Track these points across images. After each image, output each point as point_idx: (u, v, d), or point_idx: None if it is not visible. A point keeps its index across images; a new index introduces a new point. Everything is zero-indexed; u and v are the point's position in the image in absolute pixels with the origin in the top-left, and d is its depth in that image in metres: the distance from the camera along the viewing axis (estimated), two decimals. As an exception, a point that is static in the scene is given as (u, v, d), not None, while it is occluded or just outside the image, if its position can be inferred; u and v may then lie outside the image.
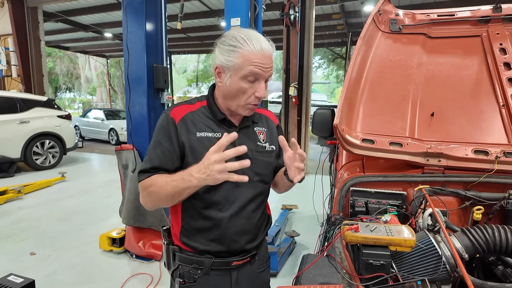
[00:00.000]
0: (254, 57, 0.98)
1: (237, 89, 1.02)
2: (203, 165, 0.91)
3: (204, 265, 1.11)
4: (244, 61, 0.98)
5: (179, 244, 1.15)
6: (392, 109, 1.68)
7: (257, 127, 1.19)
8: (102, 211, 4.59)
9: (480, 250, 1.02)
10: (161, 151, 1.06)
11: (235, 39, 1.00)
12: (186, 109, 1.10)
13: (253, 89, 1.02)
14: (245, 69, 0.98)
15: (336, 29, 11.46)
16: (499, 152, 1.38)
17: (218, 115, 1.10)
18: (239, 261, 1.15)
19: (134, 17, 3.02)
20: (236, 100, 1.05)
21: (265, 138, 1.19)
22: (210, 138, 1.07)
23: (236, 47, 0.99)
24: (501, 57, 1.71)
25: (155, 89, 3.17)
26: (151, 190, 1.02)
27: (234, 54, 0.99)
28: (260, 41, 0.99)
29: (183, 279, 1.13)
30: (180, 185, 0.96)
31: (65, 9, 10.13)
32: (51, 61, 23.99)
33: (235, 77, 1.01)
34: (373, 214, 1.32)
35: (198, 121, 1.09)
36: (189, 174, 0.93)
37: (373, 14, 1.95)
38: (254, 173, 1.12)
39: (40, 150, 7.10)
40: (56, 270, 2.99)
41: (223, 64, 1.02)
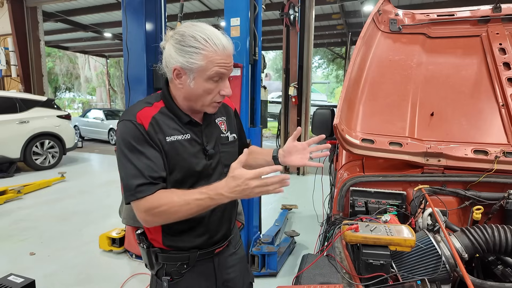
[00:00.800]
0: (218, 58, 0.96)
1: (203, 90, 1.00)
2: (241, 188, 0.89)
3: (190, 259, 1.14)
4: (208, 63, 0.95)
5: (160, 247, 1.15)
6: (391, 109, 1.68)
7: (218, 118, 1.19)
8: (101, 211, 4.58)
9: (480, 249, 1.02)
10: (148, 160, 0.98)
11: (195, 39, 0.95)
12: (148, 113, 1.03)
13: (218, 88, 1.01)
14: (210, 70, 0.96)
15: (335, 29, 11.47)
16: (498, 152, 1.39)
17: (183, 118, 1.06)
18: (220, 248, 1.21)
19: (134, 17, 3.01)
20: (201, 101, 1.03)
21: (226, 128, 1.20)
22: (180, 140, 1.04)
23: (198, 48, 0.95)
24: (501, 57, 1.71)
25: (155, 89, 3.16)
26: (164, 210, 0.95)
27: (197, 56, 0.95)
28: (220, 39, 0.97)
29: (171, 276, 1.14)
30: (207, 204, 0.94)
31: (65, 9, 10.13)
32: (51, 61, 23.98)
33: (199, 79, 0.98)
34: (373, 214, 1.32)
35: (164, 125, 1.03)
36: (219, 194, 0.92)
37: (372, 14, 1.95)
38: (223, 165, 1.14)
39: (39, 150, 7.10)
40: (56, 270, 2.99)
41: (184, 66, 0.97)
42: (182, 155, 1.04)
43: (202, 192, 0.94)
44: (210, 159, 1.10)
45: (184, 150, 1.04)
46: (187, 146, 1.05)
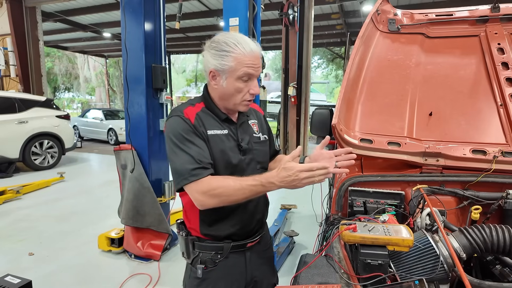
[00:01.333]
0: (246, 59, 1.09)
1: (234, 89, 1.13)
2: (291, 178, 0.98)
3: (224, 250, 1.24)
4: (237, 64, 1.09)
5: (198, 235, 1.25)
6: (390, 109, 1.68)
7: (251, 120, 1.32)
8: (100, 211, 4.58)
9: (478, 249, 1.02)
10: (197, 148, 1.12)
11: (226, 44, 1.10)
12: (192, 111, 1.18)
13: (247, 87, 1.14)
14: (240, 70, 1.10)
15: (335, 29, 11.47)
16: (497, 152, 1.39)
17: (220, 115, 1.21)
18: (252, 242, 1.30)
19: (133, 17, 3.01)
20: (233, 99, 1.16)
21: (258, 129, 1.33)
22: (218, 134, 1.18)
23: (229, 52, 1.09)
24: (499, 57, 1.71)
25: (154, 89, 3.17)
26: (220, 192, 1.06)
27: (228, 58, 1.09)
28: (248, 44, 1.11)
29: (205, 264, 1.24)
30: (259, 190, 1.05)
31: (64, 9, 10.11)
32: (50, 61, 23.96)
33: (231, 79, 1.12)
34: (371, 213, 1.32)
35: (205, 121, 1.18)
36: (270, 182, 1.02)
37: (371, 14, 1.95)
38: (256, 161, 1.27)
39: (38, 150, 7.09)
40: (54, 270, 2.99)
41: (217, 68, 1.12)
42: (220, 148, 1.17)
43: (255, 179, 1.04)
44: (245, 155, 1.23)
45: (222, 144, 1.18)
46: (224, 140, 1.19)
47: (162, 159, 3.39)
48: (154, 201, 3.12)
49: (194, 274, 1.25)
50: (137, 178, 3.08)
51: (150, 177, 3.16)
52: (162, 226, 3.18)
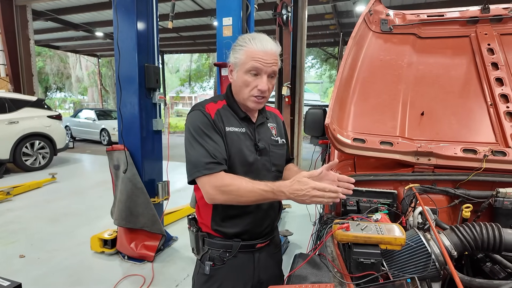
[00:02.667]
0: (255, 53, 1.12)
1: (242, 82, 1.16)
2: (301, 192, 1.01)
3: (232, 248, 1.25)
4: (247, 57, 1.13)
5: (208, 231, 1.27)
6: (382, 109, 1.69)
7: (270, 123, 1.35)
8: (93, 213, 4.53)
9: (469, 247, 1.03)
10: (214, 143, 1.13)
11: (243, 40, 1.16)
12: (214, 107, 1.21)
13: (255, 82, 1.15)
14: (248, 63, 1.13)
15: (328, 29, 11.51)
16: (487, 151, 1.41)
17: (240, 114, 1.23)
18: (262, 243, 1.31)
19: (125, 16, 2.99)
20: (241, 93, 1.18)
21: (276, 133, 1.35)
22: (236, 132, 1.21)
23: (242, 45, 1.15)
24: (489, 57, 1.73)
25: (147, 89, 3.14)
26: (232, 189, 1.08)
27: (240, 51, 1.14)
28: (262, 40, 1.14)
29: (213, 261, 1.25)
30: (268, 196, 1.06)
31: (55, 7, 9.98)
32: (41, 60, 23.63)
33: (240, 72, 1.16)
34: (364, 212, 1.33)
35: (225, 117, 1.21)
36: (281, 192, 1.04)
37: (364, 14, 1.96)
38: (271, 164, 1.29)
39: (29, 151, 6.99)
40: (46, 272, 2.95)
41: (233, 62, 1.18)
42: (237, 144, 1.19)
43: (268, 185, 1.06)
44: (261, 155, 1.24)
45: (239, 141, 1.20)
46: (242, 138, 1.21)
47: (155, 160, 3.37)
48: (147, 201, 3.10)
49: (202, 270, 1.26)
50: (130, 178, 3.05)
51: (143, 178, 3.14)
52: (155, 227, 3.16)
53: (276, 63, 1.17)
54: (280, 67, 1.22)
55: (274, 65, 1.15)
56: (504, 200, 1.29)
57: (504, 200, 1.29)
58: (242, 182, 1.08)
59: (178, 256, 3.29)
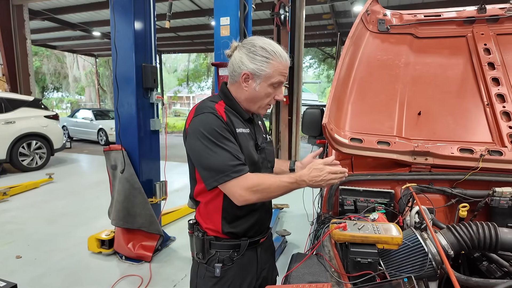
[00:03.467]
0: (281, 68, 1.17)
1: (264, 94, 1.19)
2: (317, 178, 1.10)
3: (241, 247, 1.27)
4: (274, 71, 1.15)
5: (215, 235, 1.27)
6: (380, 109, 1.70)
7: (259, 122, 1.39)
8: (90, 213, 4.52)
9: (465, 246, 1.04)
10: (234, 145, 1.16)
11: (266, 50, 1.15)
12: (221, 109, 1.21)
13: (274, 93, 1.21)
14: (275, 77, 1.16)
15: (326, 29, 11.53)
16: (483, 150, 1.41)
17: (244, 115, 1.25)
18: (263, 238, 1.36)
19: (122, 16, 2.98)
20: (259, 103, 1.22)
21: (264, 130, 1.40)
22: (244, 133, 1.23)
23: (269, 58, 1.14)
24: (486, 57, 1.74)
25: (144, 89, 3.13)
26: (261, 189, 1.11)
27: (267, 64, 1.14)
28: (283, 54, 1.18)
29: (223, 263, 1.26)
30: (293, 187, 1.13)
31: (52, 7, 9.94)
32: (38, 60, 23.51)
33: (264, 84, 1.17)
34: (362, 212, 1.33)
35: (232, 119, 1.21)
36: (303, 180, 1.11)
37: (361, 14, 1.96)
38: (267, 161, 1.34)
39: (26, 151, 6.96)
40: (43, 273, 2.93)
41: (254, 72, 1.16)
42: (245, 145, 1.21)
43: (291, 177, 1.13)
44: (260, 154, 1.29)
45: (247, 142, 1.23)
46: (248, 139, 1.24)
47: (153, 159, 3.36)
48: (145, 202, 3.09)
49: (211, 273, 1.25)
50: (128, 178, 3.05)
51: (141, 178, 3.13)
52: (153, 227, 3.15)
53: None
54: None
55: None
56: (500, 199, 1.29)
57: (500, 200, 1.29)
58: (270, 178, 1.13)
59: (176, 256, 3.28)
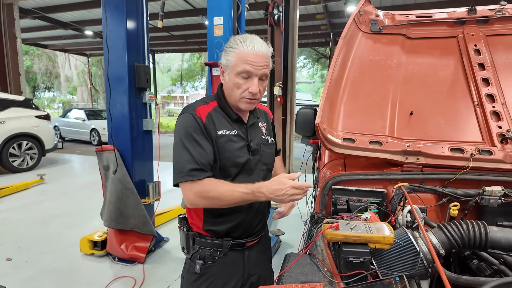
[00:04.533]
0: (247, 56, 1.11)
1: (233, 84, 1.16)
2: (281, 192, 1.06)
3: (223, 247, 1.26)
4: (238, 59, 1.13)
5: (199, 231, 1.28)
6: (372, 109, 1.71)
7: (260, 122, 1.36)
8: (83, 214, 4.47)
9: (456, 245, 1.05)
10: (201, 148, 1.14)
11: (234, 41, 1.15)
12: (206, 109, 1.20)
13: (246, 85, 1.15)
14: (239, 66, 1.12)
15: (320, 29, 11.58)
16: (474, 150, 1.43)
17: (232, 115, 1.23)
18: (252, 242, 1.33)
19: (114, 15, 2.95)
20: (233, 95, 1.18)
21: (266, 132, 1.37)
22: (228, 135, 1.21)
23: (233, 47, 1.14)
24: (476, 58, 1.76)
25: (137, 89, 3.11)
26: (213, 195, 1.11)
27: (231, 53, 1.14)
28: (254, 43, 1.13)
29: (204, 260, 1.26)
30: (248, 198, 1.10)
31: (43, 5, 9.80)
32: (29, 59, 23.17)
33: (231, 74, 1.15)
34: (354, 212, 1.34)
35: (216, 120, 1.20)
36: (261, 192, 1.08)
37: (354, 14, 1.97)
38: (263, 163, 1.30)
39: (17, 152, 6.86)
40: (34, 275, 2.89)
41: (224, 63, 1.18)
42: (228, 148, 1.19)
43: (248, 187, 1.09)
44: (253, 155, 1.26)
45: (231, 144, 1.20)
46: (233, 140, 1.21)
47: (145, 160, 3.33)
48: (137, 202, 3.06)
49: (193, 269, 1.28)
50: (120, 179, 3.02)
51: (134, 178, 3.11)
52: (146, 228, 3.13)
53: (268, 66, 1.16)
54: (272, 68, 1.23)
55: (265, 67, 1.15)
56: (490, 198, 1.31)
57: (490, 198, 1.31)
58: (223, 187, 1.11)
59: (169, 257, 3.26)
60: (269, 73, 1.19)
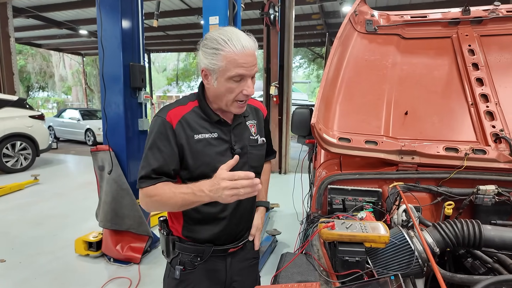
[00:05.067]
0: (237, 58, 1.00)
1: (225, 89, 1.06)
2: (215, 188, 0.93)
3: (204, 253, 1.20)
4: (228, 63, 1.01)
5: (179, 236, 1.22)
6: (367, 108, 1.71)
7: (249, 121, 1.24)
8: (78, 215, 4.44)
9: (450, 244, 1.05)
10: (161, 156, 1.08)
11: (216, 41, 1.01)
12: (180, 112, 1.11)
13: (240, 87, 1.05)
14: (231, 71, 1.01)
15: (315, 29, 11.61)
16: (468, 149, 1.44)
17: (212, 117, 1.14)
18: (234, 248, 1.27)
19: (109, 14, 2.93)
20: (225, 100, 1.09)
21: (256, 131, 1.26)
22: (207, 139, 1.12)
23: (219, 49, 1.00)
24: (470, 58, 1.77)
25: (132, 88, 3.09)
26: (156, 200, 1.06)
27: (217, 57, 1.01)
28: (240, 40, 1.01)
29: (184, 266, 1.21)
30: (190, 199, 1.00)
31: (37, 4, 9.71)
32: (22, 58, 22.95)
33: (221, 79, 1.04)
34: (350, 211, 1.34)
35: (193, 123, 1.11)
36: (201, 190, 0.96)
37: (349, 14, 1.98)
38: (249, 166, 1.20)
39: (10, 152, 6.79)
40: (28, 277, 2.86)
41: (208, 67, 1.04)
42: (207, 152, 1.11)
43: (188, 187, 1.00)
44: (241, 158, 1.10)
45: (210, 148, 1.12)
46: (213, 144, 1.12)
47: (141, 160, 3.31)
48: (133, 203, 3.05)
49: (173, 274, 1.22)
50: (115, 179, 3.00)
51: (129, 179, 3.09)
52: (142, 228, 3.11)
53: (257, 61, 1.07)
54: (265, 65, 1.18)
55: (256, 66, 1.06)
56: (484, 197, 1.32)
57: (484, 197, 1.32)
58: (165, 190, 1.05)
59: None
60: None
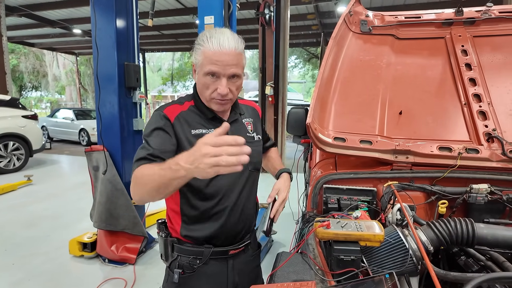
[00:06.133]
0: (212, 55, 1.02)
1: (202, 84, 1.08)
2: (193, 156, 0.76)
3: (203, 255, 1.17)
4: (204, 59, 1.04)
5: (178, 237, 1.20)
6: (362, 108, 1.72)
7: (245, 119, 1.27)
8: (72, 215, 4.40)
9: (444, 242, 1.07)
10: (161, 139, 1.05)
11: (201, 38, 1.06)
12: (177, 109, 1.13)
13: (214, 85, 1.06)
14: (205, 66, 1.04)
15: (311, 29, 11.65)
16: (461, 149, 1.46)
17: (207, 114, 1.15)
18: (235, 250, 1.23)
19: (103, 13, 2.91)
20: (203, 95, 1.11)
21: (253, 129, 1.28)
22: (203, 134, 1.10)
23: (200, 45, 1.05)
24: (463, 58, 1.79)
25: (127, 88, 3.08)
26: (138, 181, 0.94)
27: (199, 52, 1.05)
28: (220, 39, 1.02)
29: (182, 269, 1.18)
30: (167, 175, 0.83)
31: (30, 3, 9.60)
32: (15, 58, 22.68)
33: (200, 74, 1.07)
34: (345, 210, 1.35)
35: (190, 120, 1.13)
36: (177, 164, 0.80)
37: (344, 15, 1.99)
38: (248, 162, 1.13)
39: (3, 153, 6.70)
40: (21, 279, 2.84)
41: (194, 62, 1.09)
42: None
43: (166, 162, 0.86)
44: None
45: None
46: None
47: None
48: (128, 203, 3.03)
49: (171, 279, 1.19)
50: (110, 180, 2.98)
51: (124, 179, 3.07)
52: (137, 229, 3.10)
53: (238, 64, 1.05)
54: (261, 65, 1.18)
55: (234, 66, 1.03)
56: (477, 196, 1.33)
57: (477, 196, 1.34)
58: (149, 170, 0.92)
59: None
60: (241, 71, 1.07)
